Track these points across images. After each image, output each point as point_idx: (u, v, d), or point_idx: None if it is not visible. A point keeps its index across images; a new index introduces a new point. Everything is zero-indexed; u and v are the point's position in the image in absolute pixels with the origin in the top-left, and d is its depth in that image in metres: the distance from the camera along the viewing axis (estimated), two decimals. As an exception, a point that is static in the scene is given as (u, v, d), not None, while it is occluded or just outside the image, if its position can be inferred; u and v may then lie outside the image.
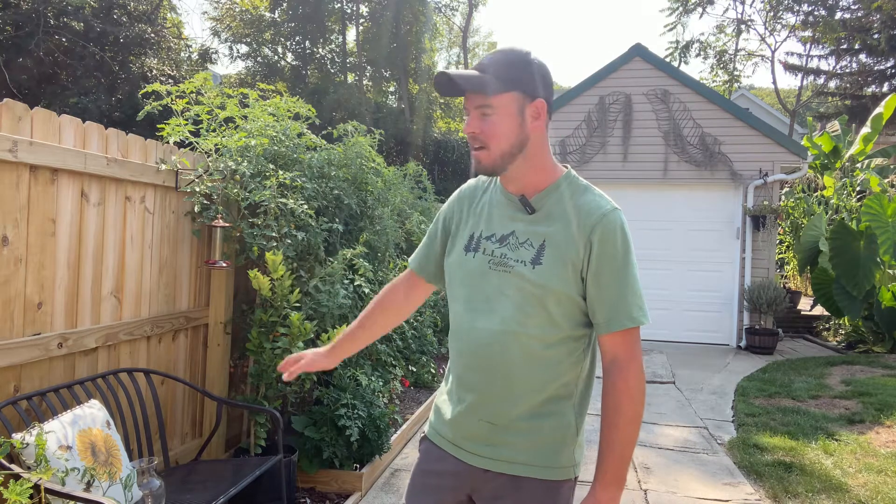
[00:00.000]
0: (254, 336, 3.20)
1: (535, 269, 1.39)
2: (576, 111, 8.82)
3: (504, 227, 1.46)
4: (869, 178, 9.54)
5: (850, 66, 19.85)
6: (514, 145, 1.38)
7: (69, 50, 10.55)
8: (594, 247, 1.37)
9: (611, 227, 1.38)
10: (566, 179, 1.46)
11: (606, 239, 1.37)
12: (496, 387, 1.43)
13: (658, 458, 4.15)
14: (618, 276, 1.37)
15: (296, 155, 3.61)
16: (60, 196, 2.45)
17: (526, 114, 1.38)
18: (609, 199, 1.44)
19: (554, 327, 1.40)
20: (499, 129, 1.36)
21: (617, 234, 1.38)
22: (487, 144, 1.37)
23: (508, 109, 1.36)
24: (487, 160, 1.39)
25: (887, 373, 6.42)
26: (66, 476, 1.98)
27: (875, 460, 4.04)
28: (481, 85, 1.34)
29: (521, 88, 1.36)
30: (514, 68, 1.36)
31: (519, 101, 1.36)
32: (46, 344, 2.38)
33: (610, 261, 1.37)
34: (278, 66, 16.20)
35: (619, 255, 1.38)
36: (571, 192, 1.44)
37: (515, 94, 1.35)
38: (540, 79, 1.39)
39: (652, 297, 8.68)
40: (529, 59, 1.38)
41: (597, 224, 1.37)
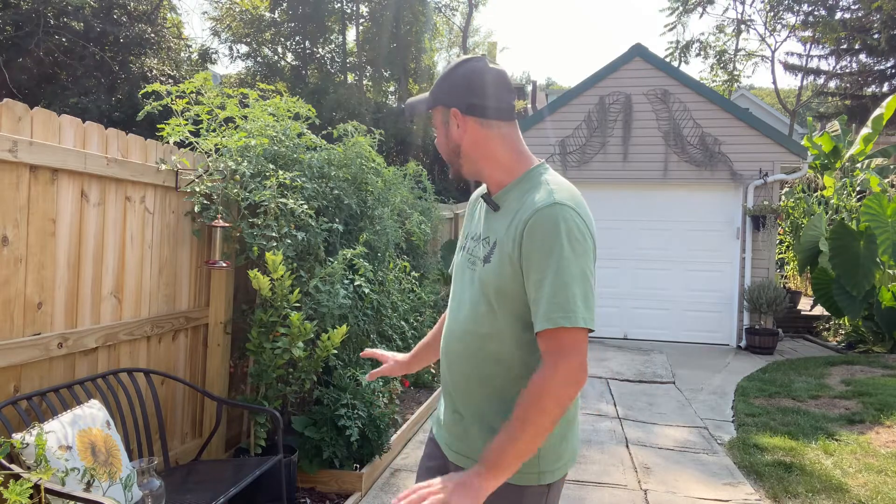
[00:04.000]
0: (254, 336, 3.20)
1: (484, 266, 1.42)
2: (576, 111, 8.82)
3: (482, 228, 1.52)
4: (869, 178, 9.54)
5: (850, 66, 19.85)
6: (449, 153, 1.51)
7: (69, 50, 10.55)
8: (524, 242, 1.32)
9: (542, 222, 1.30)
10: (527, 175, 1.44)
11: (535, 234, 1.30)
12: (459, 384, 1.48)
13: (658, 458, 4.15)
14: (546, 272, 1.28)
15: (296, 155, 3.61)
16: (60, 196, 2.45)
17: (450, 124, 1.48)
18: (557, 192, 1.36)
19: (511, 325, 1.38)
20: (438, 140, 1.53)
21: (548, 228, 1.30)
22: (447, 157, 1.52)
23: (438, 123, 1.50)
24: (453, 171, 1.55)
25: (887, 373, 6.42)
26: (66, 476, 1.98)
27: (875, 460, 4.04)
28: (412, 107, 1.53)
29: (441, 102, 1.47)
30: (440, 83, 1.48)
31: (442, 113, 1.48)
32: (46, 344, 2.38)
33: (537, 257, 1.30)
34: (278, 66, 16.19)
35: (549, 250, 1.28)
36: (525, 188, 1.41)
37: (439, 108, 1.48)
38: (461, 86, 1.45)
39: (652, 297, 8.68)
40: (454, 69, 1.48)
41: (530, 218, 1.32)
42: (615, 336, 8.72)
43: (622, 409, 5.24)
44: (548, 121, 8.90)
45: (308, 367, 3.31)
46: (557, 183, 1.41)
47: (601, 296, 8.79)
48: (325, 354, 3.27)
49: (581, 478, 3.76)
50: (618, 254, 8.77)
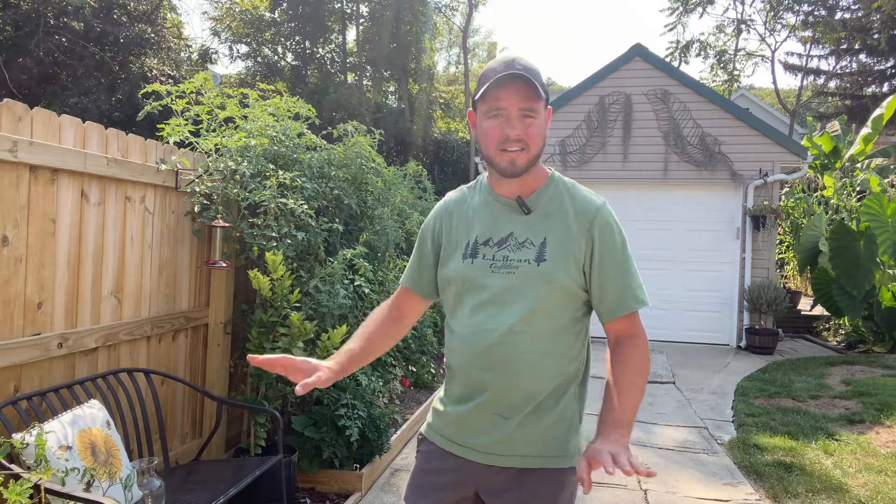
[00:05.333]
0: (254, 336, 3.20)
1: (539, 266, 1.44)
2: (576, 111, 8.82)
3: (501, 230, 1.51)
4: (869, 178, 9.54)
5: (850, 66, 19.84)
6: (542, 148, 1.48)
7: (69, 50, 10.55)
8: (595, 240, 1.46)
9: (607, 221, 1.48)
10: (555, 179, 1.55)
11: (605, 232, 1.47)
12: (507, 383, 1.47)
13: (658, 458, 4.15)
14: (620, 266, 1.47)
15: (296, 155, 3.61)
16: (60, 196, 2.45)
17: (547, 120, 1.49)
18: (596, 195, 1.55)
19: (558, 321, 1.47)
20: (540, 132, 1.45)
21: (613, 226, 1.49)
22: (528, 146, 1.43)
23: (544, 115, 1.46)
24: (524, 161, 1.44)
25: (887, 373, 6.42)
26: (66, 476, 1.98)
27: (875, 460, 4.04)
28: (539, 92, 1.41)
29: (547, 96, 1.47)
30: (541, 78, 1.46)
31: (544, 106, 1.47)
32: (46, 344, 2.38)
33: (611, 253, 1.46)
34: (278, 67, 16.19)
35: (619, 246, 1.48)
36: (563, 190, 1.53)
37: (544, 99, 1.45)
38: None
39: (652, 297, 8.59)
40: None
41: (595, 218, 1.47)
42: (615, 336, 8.71)
43: (622, 409, 5.24)
44: (548, 121, 8.89)
45: (308, 367, 3.30)
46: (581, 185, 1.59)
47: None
48: (325, 354, 3.27)
49: (581, 478, 3.76)
50: (618, 254, 8.76)
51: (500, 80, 1.40)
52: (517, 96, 1.40)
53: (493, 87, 1.40)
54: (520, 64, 1.42)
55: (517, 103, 1.40)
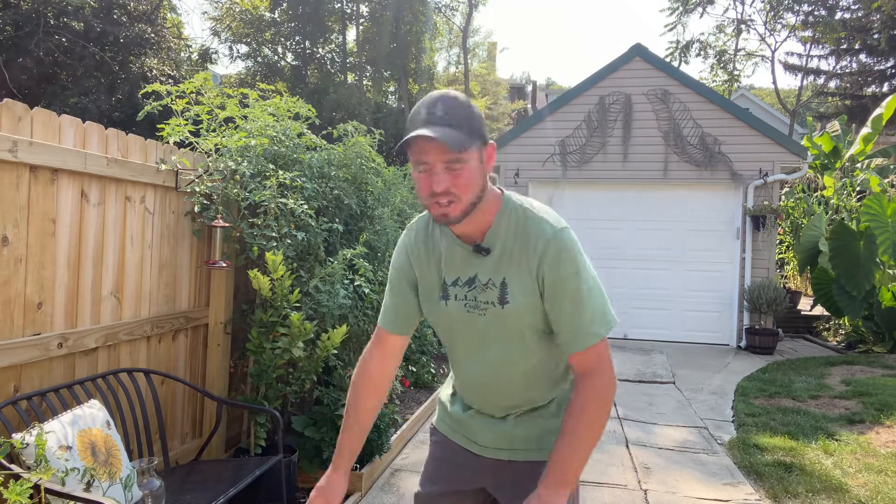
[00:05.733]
0: (254, 336, 3.20)
1: (504, 308, 1.43)
2: (576, 111, 8.82)
3: (466, 271, 1.48)
4: (869, 178, 9.54)
5: (850, 66, 19.84)
6: (479, 194, 1.38)
7: (69, 50, 10.54)
8: (546, 276, 1.39)
9: (557, 253, 1.39)
10: (505, 209, 1.45)
11: (555, 266, 1.39)
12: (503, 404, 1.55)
13: (658, 458, 4.15)
14: (573, 299, 1.39)
15: (296, 155, 3.61)
16: (60, 196, 2.45)
17: (485, 160, 1.39)
18: (550, 218, 1.43)
19: (541, 353, 1.48)
20: (471, 180, 1.35)
21: (563, 257, 1.38)
22: (459, 198, 1.35)
23: (475, 161, 1.35)
24: (457, 212, 1.36)
25: (887, 373, 6.42)
26: (66, 476, 1.98)
27: (875, 460, 4.04)
28: (462, 143, 1.30)
29: (479, 138, 1.36)
30: (472, 119, 1.34)
31: (479, 151, 1.36)
32: (46, 344, 2.38)
33: (562, 287, 1.39)
34: (278, 67, 16.19)
35: (571, 279, 1.38)
36: (514, 222, 1.44)
37: (476, 143, 1.35)
38: (482, 122, 1.39)
39: (652, 297, 8.68)
40: (472, 106, 1.37)
41: (544, 253, 1.39)
42: (615, 336, 8.71)
43: (622, 409, 5.24)
44: (548, 121, 8.90)
45: (308, 367, 3.31)
46: (536, 206, 1.47)
47: (601, 296, 8.79)
48: (325, 354, 3.27)
49: (581, 478, 3.75)
50: (618, 254, 8.77)
51: (413, 140, 1.31)
52: (439, 150, 1.30)
53: (411, 144, 1.32)
54: (442, 110, 1.31)
55: (440, 157, 1.30)
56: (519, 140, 8.95)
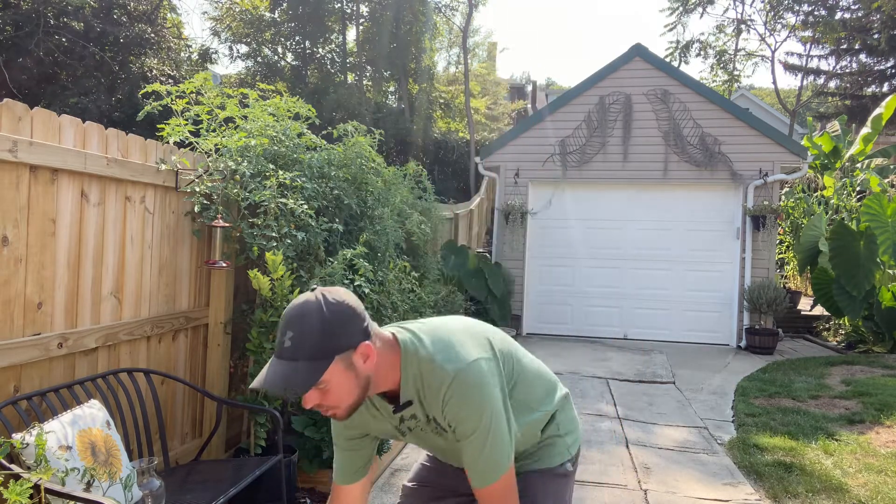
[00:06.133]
0: (254, 336, 3.20)
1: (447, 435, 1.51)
2: (576, 111, 8.82)
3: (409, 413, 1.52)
4: (869, 178, 9.55)
5: (850, 66, 19.83)
6: (361, 393, 1.38)
7: (69, 50, 10.54)
8: (449, 420, 1.43)
9: (454, 401, 1.40)
10: (406, 364, 1.45)
11: (454, 411, 1.41)
12: None
13: (658, 458, 4.15)
14: (474, 442, 1.42)
15: (296, 155, 3.61)
16: (60, 196, 2.45)
17: (356, 363, 1.35)
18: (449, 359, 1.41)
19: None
20: (339, 395, 1.35)
21: (462, 402, 1.40)
22: (337, 406, 1.37)
23: (341, 374, 1.33)
24: (341, 415, 1.39)
25: (887, 373, 6.42)
26: (66, 476, 1.98)
27: (875, 460, 4.04)
28: (306, 384, 1.29)
29: (340, 351, 1.32)
30: (323, 339, 1.31)
31: (345, 360, 1.33)
32: (46, 344, 2.38)
33: (465, 430, 1.42)
34: (278, 67, 16.18)
35: (473, 422, 1.40)
36: (417, 376, 1.45)
37: (338, 359, 1.32)
38: (350, 326, 1.34)
39: (652, 297, 8.69)
40: (326, 317, 1.31)
41: (443, 402, 1.42)
42: (615, 336, 8.72)
43: (622, 409, 5.24)
44: (548, 121, 8.90)
45: (308, 367, 3.30)
46: (434, 349, 1.44)
47: (601, 296, 8.80)
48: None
49: (581, 478, 3.76)
50: (618, 254, 8.77)
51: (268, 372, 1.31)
52: None
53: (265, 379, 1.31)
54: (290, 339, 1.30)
55: None
56: (519, 140, 8.95)
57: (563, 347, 7.97)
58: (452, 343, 1.45)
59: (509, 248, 8.77)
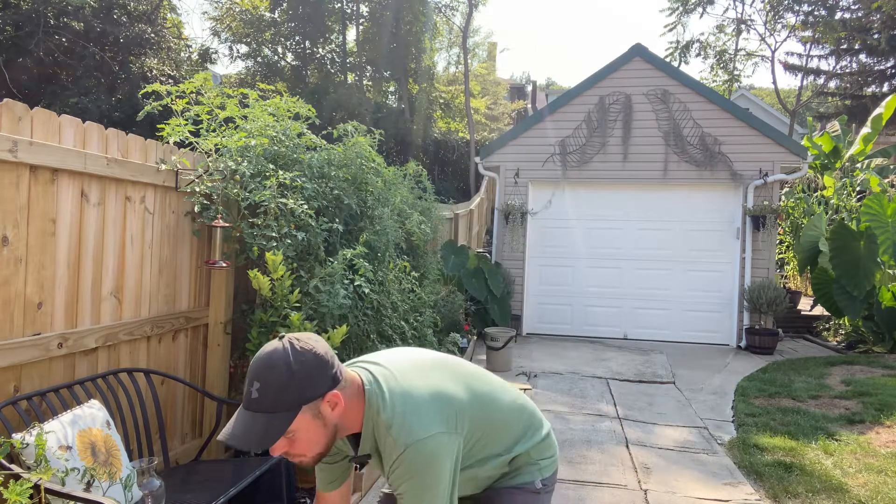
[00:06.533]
0: (254, 336, 3.20)
1: None
2: (576, 111, 8.82)
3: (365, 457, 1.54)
4: (869, 178, 9.55)
5: (850, 66, 19.83)
6: (329, 440, 1.40)
7: (69, 50, 10.54)
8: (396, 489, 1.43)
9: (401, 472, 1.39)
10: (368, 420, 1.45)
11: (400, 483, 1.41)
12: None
13: (658, 458, 4.15)
14: None
15: (296, 155, 3.61)
16: (60, 196, 2.45)
17: (324, 412, 1.36)
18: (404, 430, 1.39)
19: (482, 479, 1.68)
20: (308, 441, 1.36)
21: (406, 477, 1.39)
22: (304, 454, 1.38)
23: (308, 424, 1.34)
24: (311, 461, 1.40)
25: (887, 373, 6.42)
26: (66, 476, 1.98)
27: (875, 460, 4.04)
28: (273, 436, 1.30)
29: (307, 401, 1.33)
30: (290, 390, 1.31)
31: (312, 409, 1.34)
32: (46, 344, 2.38)
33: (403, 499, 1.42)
34: (278, 67, 16.18)
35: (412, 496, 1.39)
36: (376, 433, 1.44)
37: (305, 408, 1.32)
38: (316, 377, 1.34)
39: (652, 297, 8.69)
40: (293, 369, 1.31)
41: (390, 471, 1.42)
42: (615, 336, 8.72)
43: (622, 409, 5.24)
44: (548, 121, 8.90)
45: (308, 367, 3.30)
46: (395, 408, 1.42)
47: (601, 296, 8.80)
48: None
49: (581, 478, 3.76)
50: (618, 254, 8.77)
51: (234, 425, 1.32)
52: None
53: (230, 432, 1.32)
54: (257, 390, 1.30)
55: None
56: (519, 140, 8.96)
57: (563, 347, 7.97)
58: (413, 409, 1.42)
59: (509, 248, 8.78)
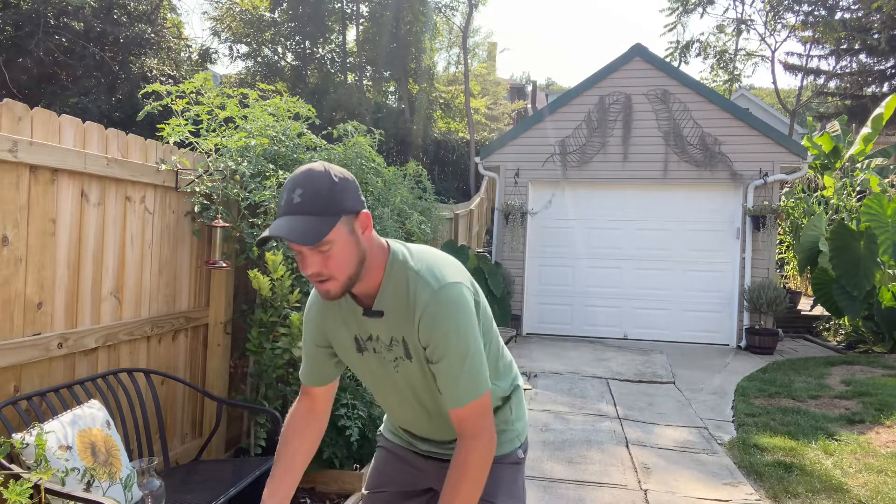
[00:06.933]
0: (254, 336, 3.20)
1: (412, 361, 1.47)
2: (576, 111, 8.82)
3: (368, 329, 1.50)
4: (869, 178, 9.55)
5: (850, 66, 19.84)
6: (357, 265, 1.38)
7: (69, 50, 10.54)
8: (422, 339, 1.41)
9: (432, 317, 1.39)
10: (391, 270, 1.44)
11: (429, 329, 1.39)
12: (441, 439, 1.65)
13: (658, 458, 4.15)
14: (451, 360, 1.40)
15: (296, 155, 3.61)
16: (60, 196, 2.45)
17: (357, 231, 1.37)
18: (434, 275, 1.41)
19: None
20: (342, 259, 1.35)
21: (439, 320, 1.39)
22: (334, 276, 1.36)
23: (345, 238, 1.34)
24: (337, 289, 1.37)
25: (887, 373, 6.42)
26: (66, 476, 1.98)
27: (875, 460, 4.04)
28: (320, 234, 1.30)
29: (345, 212, 1.34)
30: (332, 196, 1.33)
31: (349, 223, 1.35)
32: (46, 344, 2.38)
33: (437, 348, 1.40)
34: (278, 67, 16.18)
35: (451, 339, 1.39)
36: (398, 285, 1.44)
37: (343, 219, 1.33)
38: (352, 192, 1.37)
39: (652, 297, 8.69)
40: (335, 179, 1.34)
41: (420, 318, 1.40)
42: (615, 336, 8.72)
43: (622, 409, 5.24)
44: (548, 121, 8.90)
45: (308, 367, 3.30)
46: (423, 262, 1.44)
47: (601, 296, 8.80)
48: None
49: (581, 478, 3.76)
50: (618, 254, 8.77)
51: (279, 225, 1.30)
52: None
53: (277, 230, 1.30)
54: (300, 196, 1.31)
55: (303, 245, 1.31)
56: (519, 140, 8.96)
57: (563, 347, 7.97)
58: (439, 264, 1.45)
59: (509, 248, 8.78)
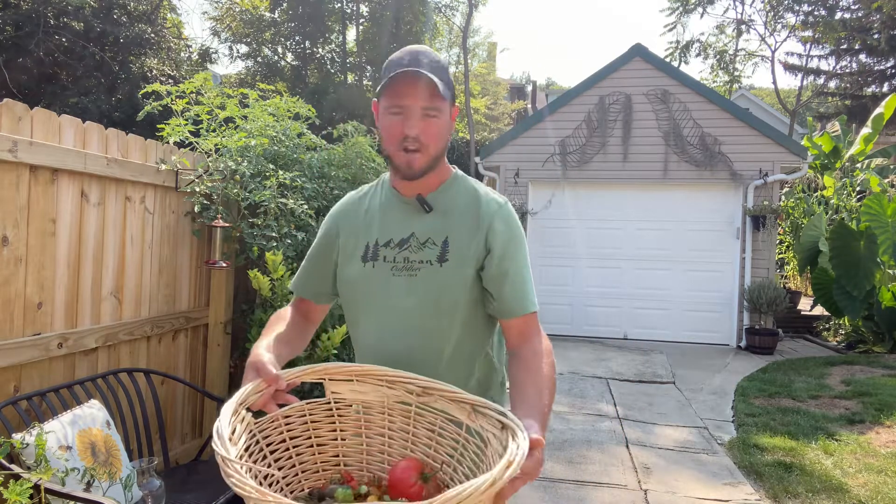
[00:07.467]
0: (254, 336, 3.20)
1: (442, 266, 1.39)
2: (576, 111, 8.82)
3: (402, 231, 1.43)
4: (869, 178, 9.55)
5: (850, 66, 19.83)
6: (444, 148, 1.40)
7: (69, 50, 10.54)
8: (497, 236, 1.40)
9: (509, 218, 1.43)
10: (458, 177, 1.50)
11: (508, 228, 1.42)
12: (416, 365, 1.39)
13: (658, 458, 4.15)
14: (520, 263, 1.41)
15: (296, 155, 3.61)
16: (60, 196, 2.45)
17: (452, 118, 1.41)
18: (499, 194, 1.50)
19: (467, 323, 1.42)
20: (441, 132, 1.37)
21: (515, 223, 1.44)
22: (426, 146, 1.34)
23: (447, 115, 1.38)
24: (422, 162, 1.35)
25: (887, 373, 6.42)
26: (66, 476, 1.98)
27: (875, 460, 4.04)
28: (444, 90, 1.31)
29: (453, 93, 1.39)
30: (447, 74, 1.37)
31: (450, 105, 1.39)
32: (46, 344, 2.38)
33: (514, 249, 1.41)
34: (278, 67, 16.18)
35: (520, 244, 1.42)
36: (465, 188, 1.48)
37: (449, 98, 1.36)
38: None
39: (652, 297, 8.68)
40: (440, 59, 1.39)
41: (496, 214, 1.42)
42: (615, 336, 8.72)
43: (622, 409, 5.24)
44: (548, 121, 8.90)
45: (308, 367, 3.30)
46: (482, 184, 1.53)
47: (601, 296, 8.80)
48: (325, 354, 3.27)
49: (581, 478, 3.76)
50: (618, 254, 8.77)
51: (402, 76, 1.30)
52: (419, 94, 1.31)
53: (396, 83, 1.31)
54: (426, 58, 1.34)
55: (419, 102, 1.31)
56: (519, 140, 8.95)
57: (563, 347, 7.97)
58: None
59: (509, 248, 8.76)
